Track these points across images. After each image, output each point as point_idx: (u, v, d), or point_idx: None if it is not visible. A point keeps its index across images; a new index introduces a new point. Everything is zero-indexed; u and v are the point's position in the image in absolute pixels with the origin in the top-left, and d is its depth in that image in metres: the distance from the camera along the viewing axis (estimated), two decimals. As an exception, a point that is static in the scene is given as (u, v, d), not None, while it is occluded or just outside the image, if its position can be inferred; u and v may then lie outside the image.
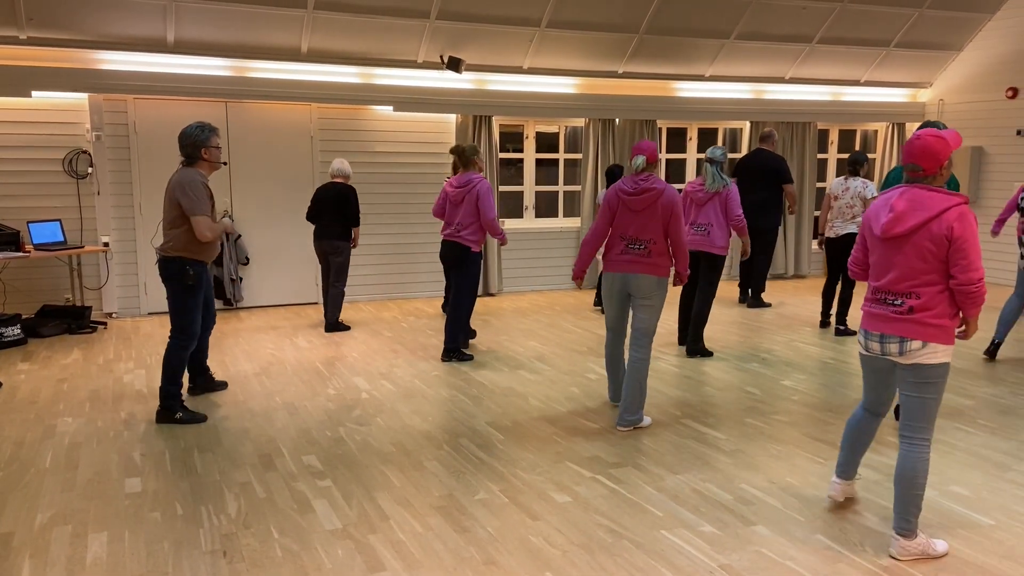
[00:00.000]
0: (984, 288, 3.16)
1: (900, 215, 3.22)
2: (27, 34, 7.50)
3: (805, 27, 9.88)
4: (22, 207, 7.81)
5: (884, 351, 3.32)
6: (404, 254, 9.41)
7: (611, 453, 4.48)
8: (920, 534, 3.34)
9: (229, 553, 3.34)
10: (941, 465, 4.29)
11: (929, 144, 3.21)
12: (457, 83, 9.17)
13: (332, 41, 8.42)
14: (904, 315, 3.25)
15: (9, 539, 3.47)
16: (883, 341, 3.31)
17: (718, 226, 6.67)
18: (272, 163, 8.76)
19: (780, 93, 10.75)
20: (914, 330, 3.23)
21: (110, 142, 8.09)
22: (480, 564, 3.25)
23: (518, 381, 5.97)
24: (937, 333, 3.21)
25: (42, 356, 6.73)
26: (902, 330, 3.25)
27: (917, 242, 3.19)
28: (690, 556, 3.32)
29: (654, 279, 4.84)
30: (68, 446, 4.60)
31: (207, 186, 5.00)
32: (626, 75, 9.86)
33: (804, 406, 5.35)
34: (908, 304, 3.24)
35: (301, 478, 4.14)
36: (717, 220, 6.67)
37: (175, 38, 7.94)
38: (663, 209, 4.82)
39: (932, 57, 10.96)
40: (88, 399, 5.52)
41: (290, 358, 6.65)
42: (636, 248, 4.86)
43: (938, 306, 3.20)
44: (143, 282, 8.34)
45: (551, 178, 10.24)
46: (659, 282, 4.87)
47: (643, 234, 4.85)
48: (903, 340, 3.25)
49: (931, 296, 3.21)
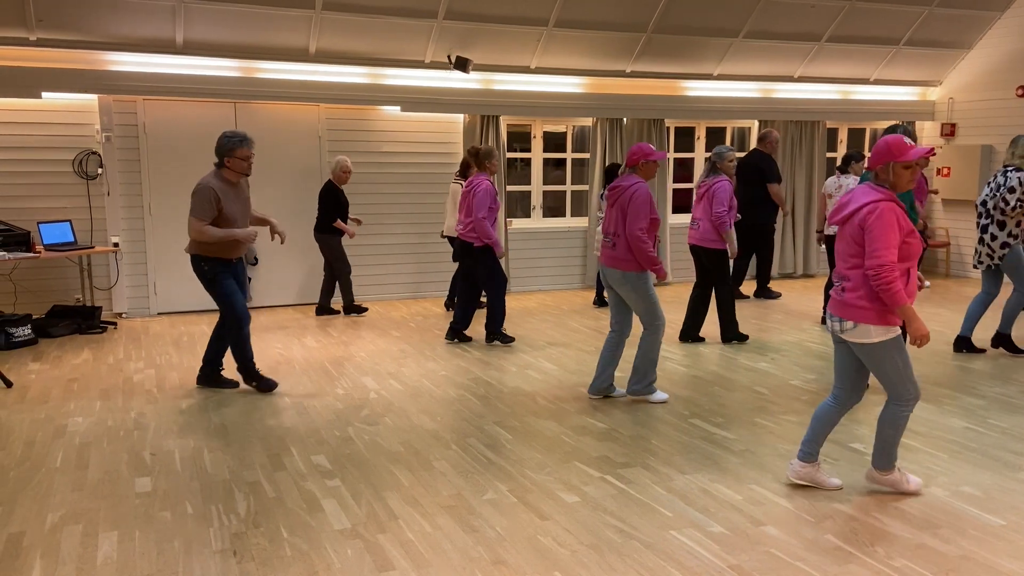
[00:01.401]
0: (887, 277, 3.48)
1: (840, 206, 3.75)
2: (37, 35, 7.53)
3: (814, 25, 9.85)
4: (33, 208, 7.85)
5: (833, 330, 3.77)
6: (412, 254, 9.42)
7: (620, 453, 4.47)
8: (897, 471, 3.85)
9: (239, 552, 3.35)
10: (952, 465, 4.27)
11: (879, 145, 3.68)
12: (465, 83, 9.18)
13: (340, 41, 8.44)
14: (839, 296, 3.72)
15: (20, 538, 3.49)
16: (831, 320, 3.77)
17: (707, 221, 6.92)
18: (280, 163, 8.78)
19: (789, 92, 10.71)
20: (845, 310, 3.67)
21: (120, 143, 8.13)
22: (489, 564, 3.25)
23: (526, 381, 5.97)
24: (861, 313, 3.61)
25: (52, 356, 6.76)
26: (838, 310, 3.71)
27: (846, 231, 3.68)
28: (699, 556, 3.31)
29: (619, 272, 5.23)
30: (78, 446, 4.62)
31: (216, 192, 5.25)
32: (634, 74, 9.85)
33: (813, 406, 5.32)
34: (842, 286, 3.71)
35: (310, 477, 4.15)
36: (707, 215, 6.92)
37: (184, 39, 7.96)
38: (621, 204, 5.23)
39: (941, 55, 10.91)
40: (98, 399, 5.55)
41: (299, 357, 6.67)
42: (607, 241, 5.33)
43: (861, 288, 3.62)
44: (153, 282, 8.38)
45: (558, 177, 10.24)
46: (624, 275, 5.22)
47: (611, 228, 5.31)
48: (839, 320, 3.71)
49: (857, 279, 3.64)
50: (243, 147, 5.31)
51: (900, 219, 3.57)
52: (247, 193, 5.55)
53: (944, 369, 6.23)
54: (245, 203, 5.49)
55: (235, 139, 5.30)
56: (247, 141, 5.33)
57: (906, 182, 3.65)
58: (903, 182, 3.65)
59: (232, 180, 5.39)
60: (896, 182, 3.65)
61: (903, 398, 3.72)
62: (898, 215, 3.56)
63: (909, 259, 3.60)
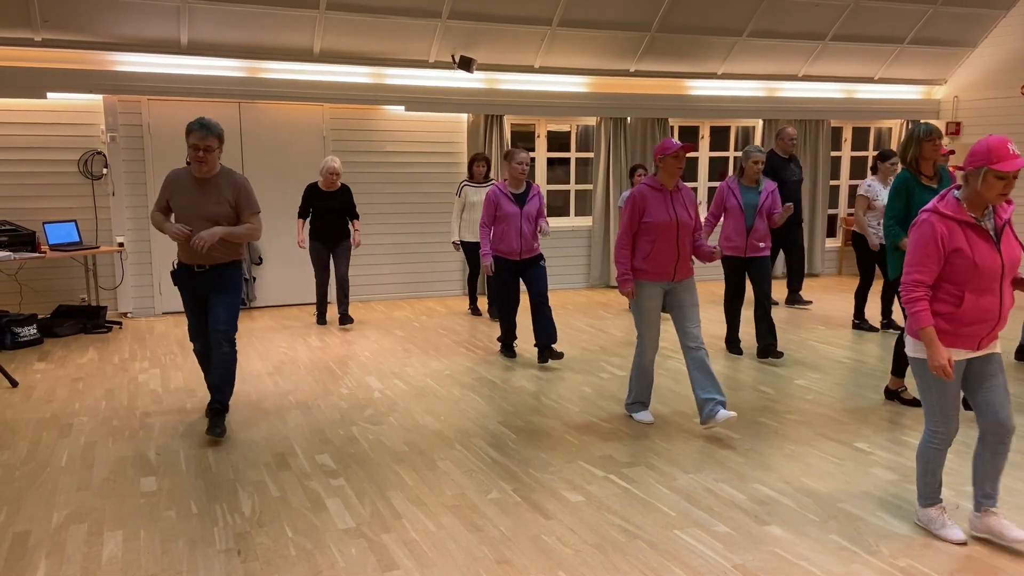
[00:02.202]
0: (911, 294, 3.24)
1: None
2: (42, 36, 7.55)
3: (818, 24, 9.83)
4: (38, 208, 7.87)
5: None
6: (415, 253, 9.42)
7: (624, 452, 4.47)
8: (933, 511, 3.47)
9: (243, 552, 3.36)
10: (957, 464, 4.25)
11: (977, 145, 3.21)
12: (469, 82, 9.18)
13: (344, 41, 8.44)
14: None
15: (26, 537, 3.50)
16: None
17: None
18: (284, 163, 8.79)
19: (793, 91, 10.69)
20: None
21: (124, 143, 8.14)
22: (493, 563, 3.26)
23: (530, 380, 5.97)
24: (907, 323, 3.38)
25: (58, 356, 6.78)
26: None
27: None
28: (703, 556, 3.30)
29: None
30: (84, 445, 4.63)
31: (169, 180, 4.75)
32: (638, 73, 9.84)
33: (818, 405, 5.32)
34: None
35: (314, 477, 4.15)
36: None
37: (188, 39, 7.98)
38: None
39: (946, 54, 10.88)
40: (103, 398, 5.56)
41: (303, 357, 6.68)
42: None
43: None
44: (157, 282, 8.39)
45: (563, 177, 10.24)
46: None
47: None
48: None
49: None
50: (189, 136, 4.57)
51: (944, 236, 3.21)
52: (221, 195, 4.64)
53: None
54: (207, 203, 4.62)
55: (187, 128, 4.61)
56: (194, 129, 4.55)
57: (996, 195, 3.17)
58: (993, 194, 3.17)
59: (196, 174, 4.66)
60: (984, 192, 3.18)
61: (929, 428, 3.42)
62: (941, 231, 3.20)
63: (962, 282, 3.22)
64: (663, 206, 4.76)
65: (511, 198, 6.32)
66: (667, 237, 4.75)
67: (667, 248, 4.76)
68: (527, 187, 6.43)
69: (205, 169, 4.62)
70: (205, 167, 4.61)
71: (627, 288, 4.81)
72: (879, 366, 6.31)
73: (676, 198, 4.81)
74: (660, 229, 4.74)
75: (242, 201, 4.70)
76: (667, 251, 4.76)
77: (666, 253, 4.76)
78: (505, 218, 6.28)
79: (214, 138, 4.58)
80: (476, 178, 8.06)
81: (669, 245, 4.76)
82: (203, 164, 4.59)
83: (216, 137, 4.60)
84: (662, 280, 4.81)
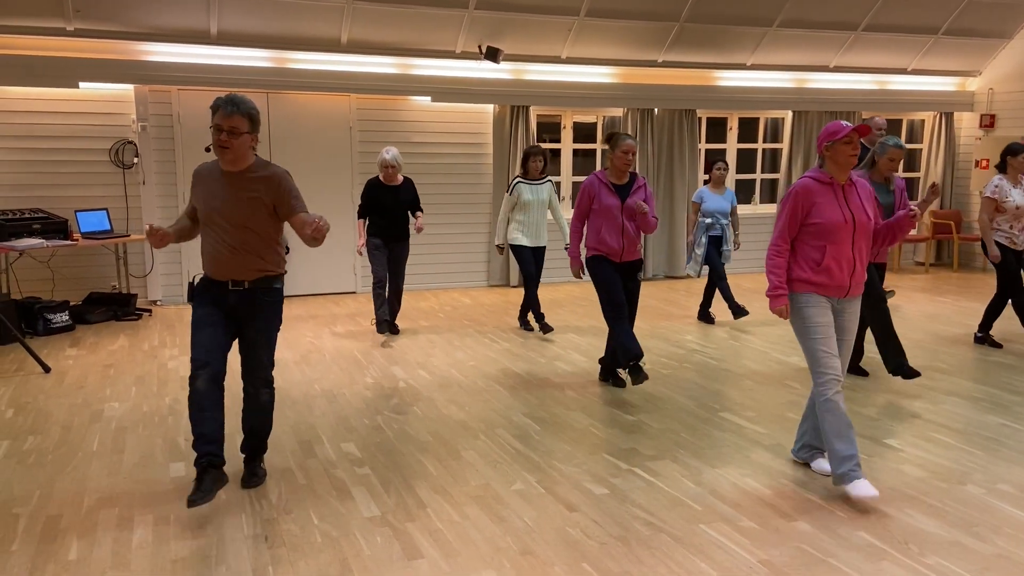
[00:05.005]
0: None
1: None
2: (74, 26, 7.65)
3: (850, 14, 9.68)
4: (70, 196, 7.99)
5: None
6: (441, 244, 9.44)
7: (648, 446, 4.46)
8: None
9: (270, 538, 3.39)
10: (987, 462, 4.19)
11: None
12: (495, 73, 9.16)
13: (371, 32, 8.46)
14: None
15: (57, 521, 3.56)
16: None
17: None
18: (312, 153, 8.84)
19: (824, 82, 10.55)
20: None
21: (155, 132, 8.23)
22: (517, 554, 3.26)
23: (554, 372, 5.97)
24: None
25: (89, 342, 6.88)
26: None
27: None
28: (729, 551, 3.29)
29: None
30: (115, 430, 4.70)
31: (195, 175, 3.88)
32: (666, 64, 9.76)
33: (845, 400, 5.26)
34: None
35: (340, 465, 4.18)
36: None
37: (218, 30, 8.03)
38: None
39: (981, 45, 10.67)
40: (134, 384, 5.64)
41: (329, 347, 6.72)
42: None
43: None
44: (186, 270, 8.49)
45: (588, 168, 10.19)
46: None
47: None
48: None
49: None
50: (214, 116, 3.67)
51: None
52: (254, 194, 3.69)
53: (979, 365, 6.12)
54: (236, 203, 3.68)
55: (211, 106, 3.74)
56: (219, 105, 3.65)
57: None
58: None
59: (221, 165, 3.74)
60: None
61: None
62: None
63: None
64: (834, 203, 3.82)
65: (611, 189, 5.34)
66: (841, 242, 3.81)
67: (840, 256, 3.82)
68: (631, 178, 5.40)
69: (230, 157, 3.63)
70: (230, 154, 3.62)
71: (779, 305, 3.90)
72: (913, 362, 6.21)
73: (850, 193, 3.87)
74: (832, 232, 3.80)
75: (289, 202, 3.73)
76: (841, 259, 3.83)
77: (839, 262, 3.83)
78: (604, 212, 5.29)
79: (241, 117, 3.60)
80: (531, 174, 7.08)
81: (843, 252, 3.82)
82: (227, 151, 3.61)
83: (244, 117, 3.61)
84: (834, 295, 3.89)
